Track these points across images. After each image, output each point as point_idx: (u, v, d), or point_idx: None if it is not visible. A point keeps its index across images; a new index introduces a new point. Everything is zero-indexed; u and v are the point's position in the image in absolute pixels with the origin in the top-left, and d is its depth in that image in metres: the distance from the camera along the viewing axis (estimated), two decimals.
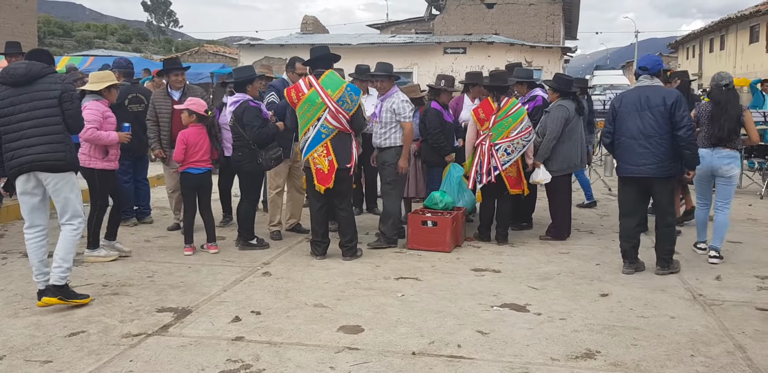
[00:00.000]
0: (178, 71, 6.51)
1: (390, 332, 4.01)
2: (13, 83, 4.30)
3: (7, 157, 4.28)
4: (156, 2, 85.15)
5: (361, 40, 24.75)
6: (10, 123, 4.28)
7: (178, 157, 5.78)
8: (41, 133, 4.25)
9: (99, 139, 5.28)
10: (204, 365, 3.50)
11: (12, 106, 4.28)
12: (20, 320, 4.12)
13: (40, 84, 4.30)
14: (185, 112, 5.82)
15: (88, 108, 5.25)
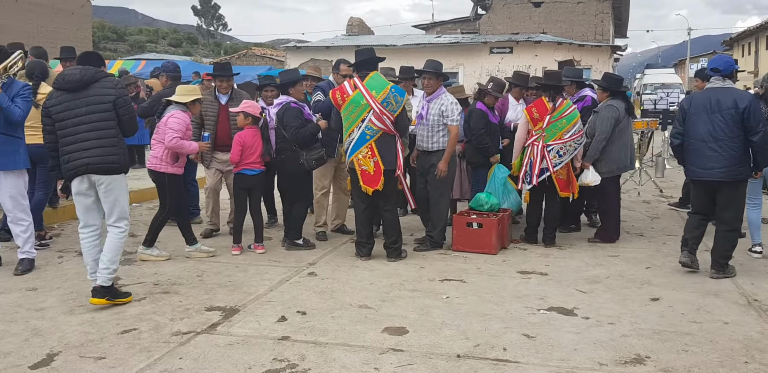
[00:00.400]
0: (223, 77, 6.56)
1: (435, 334, 4.00)
2: (69, 89, 4.44)
3: (64, 160, 4.44)
4: (206, 6, 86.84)
5: (406, 40, 24.78)
6: (66, 127, 4.43)
7: (235, 159, 5.87)
8: (95, 137, 4.39)
9: (181, 148, 5.44)
10: (251, 363, 3.55)
11: (68, 111, 4.42)
12: (75, 317, 4.25)
13: (94, 89, 4.44)
14: (241, 114, 5.89)
15: (175, 116, 5.44)
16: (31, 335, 3.92)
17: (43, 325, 4.08)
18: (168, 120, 5.45)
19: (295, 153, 5.90)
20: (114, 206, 4.51)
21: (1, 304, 4.47)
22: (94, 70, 4.50)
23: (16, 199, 5.18)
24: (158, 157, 5.52)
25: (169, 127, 5.40)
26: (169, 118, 5.46)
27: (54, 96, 4.50)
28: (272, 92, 6.46)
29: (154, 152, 5.58)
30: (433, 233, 6.10)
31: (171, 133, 5.36)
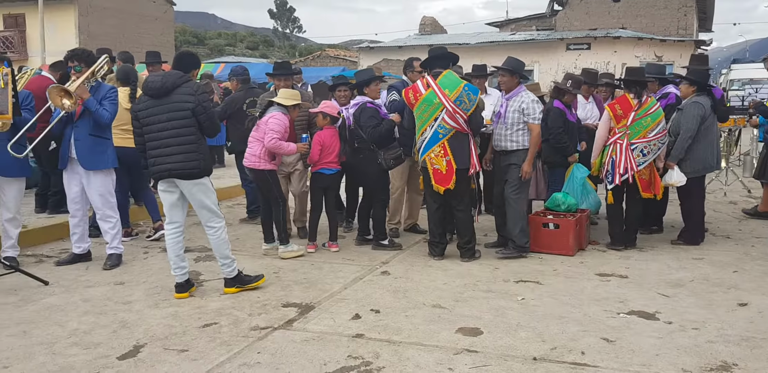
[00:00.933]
0: (281, 76, 6.53)
1: (510, 336, 3.94)
2: (152, 95, 4.61)
3: (150, 163, 4.66)
4: (281, 9, 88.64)
5: (480, 38, 24.54)
6: (152, 132, 4.62)
7: (314, 158, 5.94)
8: (177, 143, 4.56)
9: (280, 149, 5.58)
10: (326, 360, 3.60)
11: (152, 116, 4.61)
12: (160, 311, 4.42)
13: (176, 95, 4.57)
14: (320, 114, 5.96)
15: (275, 117, 5.59)
16: (119, 327, 4.10)
17: (130, 318, 4.27)
18: (269, 120, 5.59)
19: (372, 153, 5.93)
20: (201, 208, 4.69)
21: (91, 297, 4.70)
22: (176, 76, 4.62)
23: (105, 197, 5.43)
24: (257, 154, 5.65)
25: (269, 127, 5.54)
26: (270, 118, 5.60)
27: (141, 101, 4.70)
28: (345, 92, 6.47)
29: (252, 150, 5.69)
30: (513, 237, 5.85)
31: (271, 134, 5.51)
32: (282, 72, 6.55)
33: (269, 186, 5.76)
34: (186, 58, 4.88)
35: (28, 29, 27.10)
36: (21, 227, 5.61)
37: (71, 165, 5.36)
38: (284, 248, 5.82)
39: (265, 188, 5.81)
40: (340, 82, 6.70)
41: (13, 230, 5.41)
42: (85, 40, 26.26)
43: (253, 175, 5.85)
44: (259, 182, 5.82)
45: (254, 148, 5.70)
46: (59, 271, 5.34)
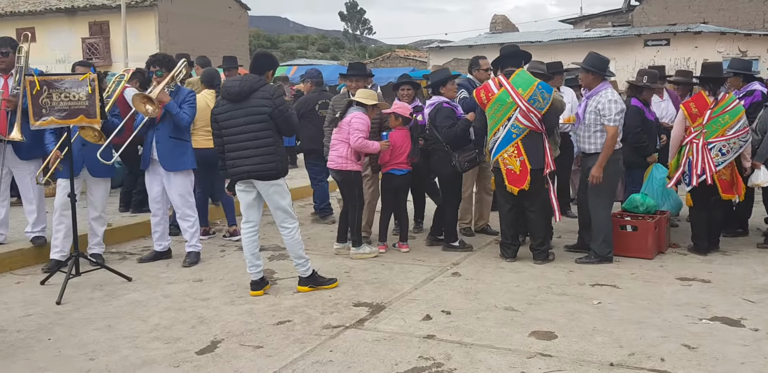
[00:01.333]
0: (355, 77, 6.54)
1: (585, 341, 3.84)
2: (231, 99, 4.74)
3: (228, 164, 4.79)
4: (351, 11, 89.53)
5: (553, 36, 24.05)
6: (230, 134, 4.75)
7: (385, 158, 5.94)
8: (254, 145, 4.68)
9: (366, 147, 5.63)
10: (397, 360, 3.60)
11: (231, 120, 4.73)
12: (236, 308, 4.54)
13: (254, 100, 4.68)
14: (392, 115, 5.93)
15: (358, 117, 5.64)
16: (197, 322, 4.24)
17: (208, 314, 4.40)
18: (352, 120, 5.63)
19: (447, 155, 5.84)
20: (276, 209, 4.80)
21: (171, 293, 4.88)
22: (253, 81, 4.73)
23: (184, 197, 5.62)
24: (343, 156, 5.68)
25: (353, 127, 5.58)
26: (352, 118, 5.64)
27: (220, 104, 4.83)
28: (408, 91, 6.34)
29: (337, 152, 5.71)
30: (594, 246, 5.58)
31: (356, 134, 5.55)
32: (356, 72, 6.60)
33: (353, 187, 5.76)
34: (262, 59, 4.96)
35: (112, 36, 28.32)
36: (106, 225, 5.88)
37: (153, 166, 5.58)
38: (356, 250, 5.85)
39: (348, 189, 5.79)
40: (404, 81, 6.57)
41: (99, 228, 5.67)
42: (165, 45, 27.25)
43: (340, 177, 5.80)
44: (345, 183, 5.79)
45: (340, 150, 5.69)
46: (141, 268, 5.56)
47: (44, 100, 4.80)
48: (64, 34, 29.24)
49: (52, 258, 5.41)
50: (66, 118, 4.85)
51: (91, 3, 29.08)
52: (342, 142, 5.65)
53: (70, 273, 4.85)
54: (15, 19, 29.74)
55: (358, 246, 5.85)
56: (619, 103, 5.46)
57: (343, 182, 5.79)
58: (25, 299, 4.73)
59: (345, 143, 5.62)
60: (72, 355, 3.71)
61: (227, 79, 5.05)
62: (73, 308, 4.53)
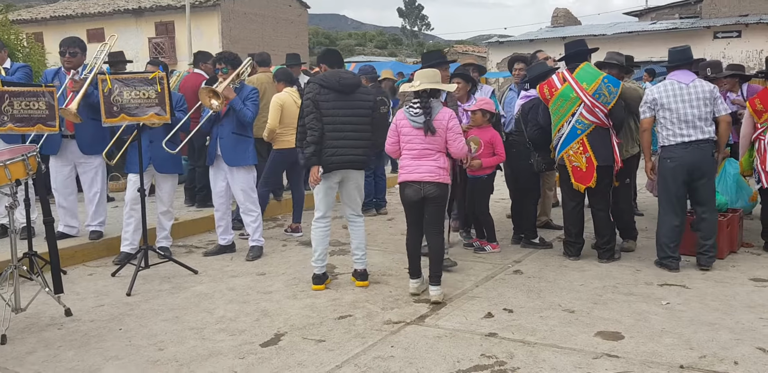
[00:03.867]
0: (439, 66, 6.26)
1: (653, 342, 3.73)
2: (342, 91, 4.79)
3: (328, 152, 4.76)
4: (410, 7, 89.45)
5: (617, 29, 23.39)
6: (334, 123, 4.77)
7: (489, 163, 5.67)
8: (358, 137, 4.83)
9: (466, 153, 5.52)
10: (459, 357, 3.58)
11: (336, 110, 4.78)
12: (298, 302, 4.60)
13: (358, 94, 4.87)
14: (479, 112, 5.63)
15: (454, 116, 4.98)
16: (261, 315, 4.31)
17: (271, 307, 4.47)
18: (449, 123, 5.31)
19: (527, 151, 5.73)
20: (354, 199, 5.02)
21: (236, 286, 4.98)
22: (359, 77, 5.09)
23: (247, 192, 5.72)
24: (443, 166, 5.23)
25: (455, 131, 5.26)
26: (449, 120, 5.34)
27: (323, 93, 4.78)
28: (460, 84, 5.76)
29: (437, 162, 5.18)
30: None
31: (460, 139, 5.34)
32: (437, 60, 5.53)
33: (445, 205, 4.85)
34: (339, 55, 5.19)
35: (177, 35, 29.12)
36: (174, 219, 6.04)
37: (217, 162, 5.70)
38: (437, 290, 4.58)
39: (442, 208, 4.82)
40: (457, 73, 6.03)
41: (167, 222, 5.84)
42: (227, 44, 27.83)
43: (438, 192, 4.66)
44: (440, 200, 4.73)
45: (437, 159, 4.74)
46: (207, 261, 5.69)
47: (115, 98, 4.97)
48: (131, 34, 30.22)
49: (123, 251, 5.60)
50: (137, 115, 5.00)
51: (157, 3, 29.95)
52: (436, 151, 4.61)
53: (139, 265, 5.01)
54: (85, 20, 30.90)
55: (438, 284, 4.59)
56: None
57: (438, 199, 4.61)
58: (98, 290, 4.91)
59: (439, 152, 4.62)
60: (142, 345, 3.83)
61: (339, 70, 4.98)
62: (143, 299, 4.67)
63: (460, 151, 4.65)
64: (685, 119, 5.08)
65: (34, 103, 4.83)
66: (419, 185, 4.55)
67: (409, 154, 4.63)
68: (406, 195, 4.62)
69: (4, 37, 9.37)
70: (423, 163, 4.58)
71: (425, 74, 4.64)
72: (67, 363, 3.58)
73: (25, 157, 3.90)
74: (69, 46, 5.55)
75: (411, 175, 4.58)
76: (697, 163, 5.08)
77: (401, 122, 4.66)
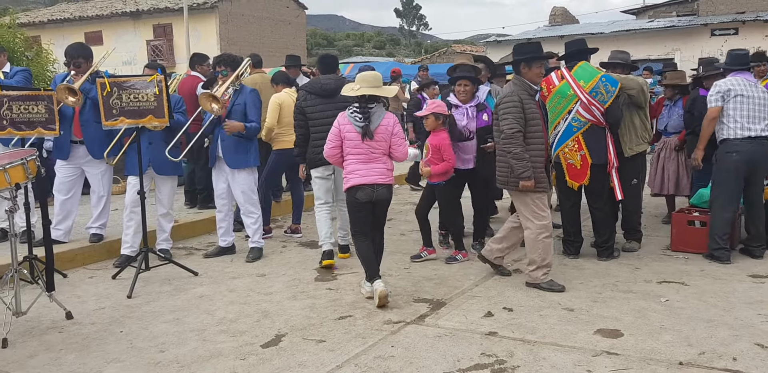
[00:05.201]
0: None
1: (653, 339, 3.75)
2: (324, 96, 5.44)
3: (313, 151, 5.41)
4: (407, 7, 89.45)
5: (615, 27, 23.41)
6: (319, 124, 5.39)
7: (439, 170, 5.46)
8: None
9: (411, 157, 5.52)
10: (459, 356, 3.59)
11: (320, 113, 5.43)
12: (298, 302, 4.61)
13: (340, 96, 5.15)
14: (431, 116, 5.40)
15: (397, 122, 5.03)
16: (261, 316, 4.32)
17: (271, 308, 4.49)
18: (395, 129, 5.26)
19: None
20: (339, 188, 5.45)
21: (236, 287, 4.99)
22: (339, 80, 5.48)
23: (247, 194, 5.74)
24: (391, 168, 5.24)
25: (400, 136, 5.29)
26: (395, 125, 5.33)
27: (308, 98, 5.50)
28: (467, 87, 5.58)
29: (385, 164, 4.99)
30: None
31: (404, 143, 5.38)
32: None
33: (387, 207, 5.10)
34: (334, 60, 5.93)
35: (175, 38, 29.16)
36: (173, 221, 6.05)
37: (219, 163, 5.72)
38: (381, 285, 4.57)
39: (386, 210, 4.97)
40: (462, 75, 5.64)
41: (167, 224, 5.85)
42: (226, 46, 27.85)
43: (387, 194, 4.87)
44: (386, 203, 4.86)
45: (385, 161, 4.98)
46: (207, 263, 5.70)
47: (114, 101, 4.99)
48: (129, 37, 30.26)
49: (123, 253, 5.61)
50: (135, 117, 5.02)
51: (155, 6, 29.98)
52: (382, 154, 4.67)
53: (140, 268, 5.03)
54: (83, 23, 30.94)
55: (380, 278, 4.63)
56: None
57: (387, 202, 4.74)
58: (98, 292, 4.92)
59: (384, 155, 4.69)
60: (143, 347, 3.84)
61: (321, 77, 5.63)
62: (143, 301, 4.69)
63: (403, 155, 4.72)
64: (754, 114, 5.30)
65: (34, 107, 4.85)
66: (372, 188, 4.58)
67: (357, 159, 4.62)
68: (357, 198, 4.60)
69: (9, 39, 9.38)
70: (375, 167, 4.61)
71: (365, 78, 4.63)
72: (69, 366, 3.59)
73: (24, 161, 3.91)
74: (73, 58, 5.57)
75: (364, 178, 4.57)
76: (759, 158, 5.29)
77: (345, 127, 4.62)
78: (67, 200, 5.82)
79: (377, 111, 4.62)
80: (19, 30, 9.99)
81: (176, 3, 28.60)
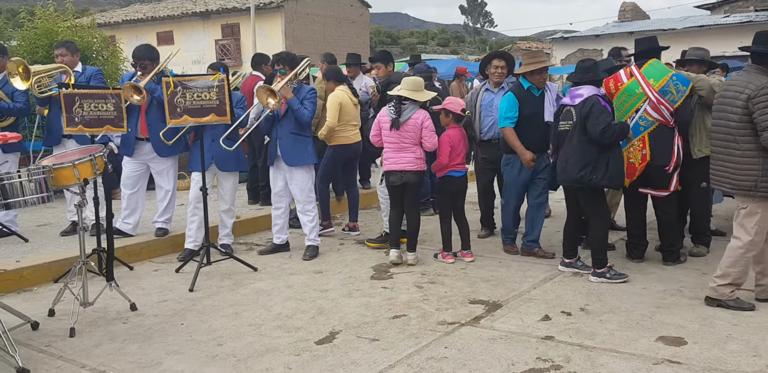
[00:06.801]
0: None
1: (718, 348, 3.59)
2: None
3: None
4: (472, 4, 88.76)
5: (688, 23, 22.60)
6: None
7: (444, 161, 5.52)
8: None
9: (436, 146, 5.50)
10: (514, 360, 3.53)
11: None
12: (353, 300, 4.63)
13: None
14: (442, 111, 5.57)
15: (428, 118, 5.40)
16: (317, 313, 4.36)
17: (327, 305, 4.52)
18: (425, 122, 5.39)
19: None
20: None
21: (293, 283, 5.05)
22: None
23: (305, 191, 5.80)
24: (420, 157, 5.47)
25: (430, 129, 5.38)
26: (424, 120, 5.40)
27: None
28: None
29: (414, 153, 5.43)
30: None
31: (433, 134, 5.40)
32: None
33: (420, 189, 5.76)
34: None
35: (242, 37, 29.79)
36: (235, 217, 6.18)
37: (277, 161, 5.80)
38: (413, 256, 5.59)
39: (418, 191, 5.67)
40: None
41: (228, 220, 5.98)
42: (291, 44, 28.28)
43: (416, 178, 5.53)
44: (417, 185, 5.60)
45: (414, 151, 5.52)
46: (266, 258, 5.80)
47: (179, 99, 5.12)
48: (199, 37, 31.11)
49: (186, 248, 5.77)
50: (198, 116, 5.14)
51: (224, 6, 30.71)
52: (412, 144, 5.37)
53: (201, 262, 5.15)
54: (155, 23, 32.00)
55: (414, 251, 5.56)
56: None
57: (416, 184, 5.48)
58: (162, 285, 5.07)
59: (415, 145, 5.38)
60: (202, 340, 3.93)
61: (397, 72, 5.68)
62: (204, 295, 4.80)
63: (431, 145, 5.39)
64: None
65: (103, 105, 5.03)
66: (401, 174, 5.40)
67: (390, 147, 5.43)
68: (390, 181, 5.48)
69: (88, 40, 9.76)
70: (404, 155, 5.39)
71: (407, 81, 5.44)
72: (131, 356, 3.71)
73: (92, 157, 4.06)
74: (139, 59, 5.74)
75: (394, 165, 5.41)
76: None
77: (383, 119, 5.47)
78: (133, 194, 6.02)
79: (409, 107, 5.37)
80: (97, 30, 10.36)
81: (243, 3, 29.22)
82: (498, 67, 6.04)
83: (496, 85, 6.09)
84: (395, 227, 5.59)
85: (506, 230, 5.94)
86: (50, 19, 9.51)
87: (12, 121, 6.03)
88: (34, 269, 5.10)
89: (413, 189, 5.49)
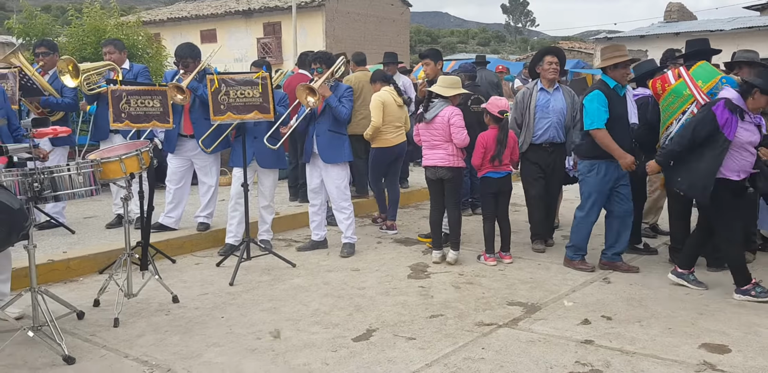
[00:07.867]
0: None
1: (763, 357, 3.50)
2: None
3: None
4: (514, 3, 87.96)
5: (736, 24, 22.02)
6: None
7: (476, 162, 5.54)
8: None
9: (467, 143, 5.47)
10: (552, 363, 3.50)
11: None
12: (390, 298, 4.64)
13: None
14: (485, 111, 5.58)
15: (456, 114, 5.40)
16: (354, 310, 4.39)
17: (364, 302, 4.54)
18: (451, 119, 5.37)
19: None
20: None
21: (331, 280, 5.09)
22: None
23: (340, 189, 5.83)
24: (453, 153, 5.46)
25: (457, 125, 5.36)
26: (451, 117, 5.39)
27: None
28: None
29: (446, 150, 5.46)
30: None
31: (462, 131, 5.36)
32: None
33: (460, 185, 5.77)
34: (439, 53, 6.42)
35: (284, 35, 30.05)
36: (274, 213, 6.25)
37: (313, 159, 5.85)
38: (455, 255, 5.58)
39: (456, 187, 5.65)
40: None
41: (268, 216, 6.04)
42: (331, 43, 28.43)
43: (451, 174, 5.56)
44: (456, 181, 5.59)
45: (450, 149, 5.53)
46: (304, 255, 5.85)
47: (222, 97, 5.19)
48: (241, 35, 31.47)
49: (227, 242, 5.86)
50: (242, 113, 5.21)
51: (266, 5, 31.02)
52: (443, 141, 5.40)
53: (242, 257, 5.23)
54: (199, 21, 32.47)
55: (457, 250, 5.56)
56: None
57: (454, 179, 5.49)
58: (203, 278, 5.16)
59: (446, 141, 5.39)
60: (241, 333, 3.99)
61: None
62: (244, 289, 4.87)
63: (460, 142, 5.39)
64: None
65: (149, 101, 5.14)
66: (435, 169, 5.50)
67: (425, 144, 5.56)
68: (427, 176, 5.64)
69: (134, 37, 9.97)
70: (437, 152, 5.48)
71: (443, 79, 5.52)
72: (173, 347, 3.78)
73: (139, 152, 4.15)
74: (181, 58, 5.82)
75: (428, 161, 5.54)
76: None
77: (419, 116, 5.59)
78: (178, 189, 6.14)
79: (437, 104, 5.44)
80: (143, 28, 10.59)
81: (285, 2, 29.46)
82: (552, 64, 5.69)
83: (551, 84, 5.76)
84: (436, 228, 5.61)
85: (580, 247, 5.34)
86: (97, 17, 9.73)
87: (62, 115, 6.19)
88: (80, 260, 5.24)
89: (451, 185, 5.52)
